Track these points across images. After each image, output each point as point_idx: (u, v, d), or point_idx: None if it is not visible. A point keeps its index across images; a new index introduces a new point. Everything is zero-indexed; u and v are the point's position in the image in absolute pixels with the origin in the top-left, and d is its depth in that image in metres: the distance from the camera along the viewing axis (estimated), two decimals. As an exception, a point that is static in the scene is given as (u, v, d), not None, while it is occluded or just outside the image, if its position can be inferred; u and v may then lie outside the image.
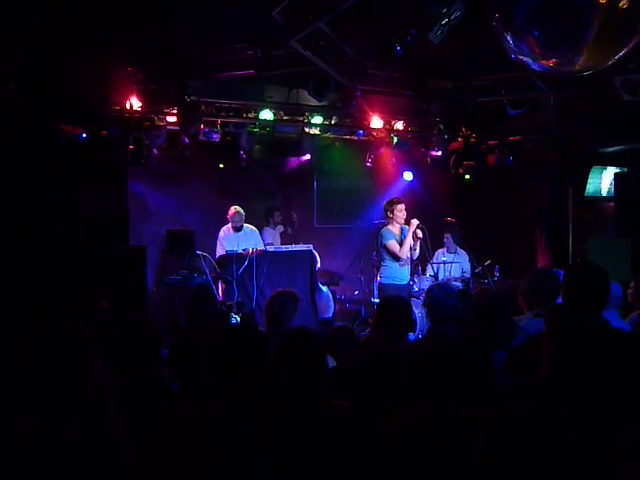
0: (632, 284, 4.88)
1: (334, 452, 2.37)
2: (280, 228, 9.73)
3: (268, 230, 9.51)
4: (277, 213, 9.66)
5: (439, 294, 4.10)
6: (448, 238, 8.95)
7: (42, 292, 5.86)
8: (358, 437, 2.45)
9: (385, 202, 7.67)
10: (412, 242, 7.48)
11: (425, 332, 5.02)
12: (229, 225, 8.63)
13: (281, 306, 4.46)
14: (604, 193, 8.81)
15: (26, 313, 5.31)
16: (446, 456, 2.22)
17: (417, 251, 7.63)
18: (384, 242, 7.37)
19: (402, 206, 7.43)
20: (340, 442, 2.40)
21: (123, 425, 2.22)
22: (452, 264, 8.70)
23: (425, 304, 4.17)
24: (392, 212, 7.43)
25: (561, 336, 2.68)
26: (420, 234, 7.41)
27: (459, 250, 8.97)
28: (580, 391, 2.41)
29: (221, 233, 8.63)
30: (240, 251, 7.77)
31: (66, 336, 1.90)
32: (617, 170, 8.47)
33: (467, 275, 8.61)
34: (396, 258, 7.32)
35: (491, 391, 2.85)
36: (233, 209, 8.58)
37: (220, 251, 8.36)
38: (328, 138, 9.29)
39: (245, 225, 8.68)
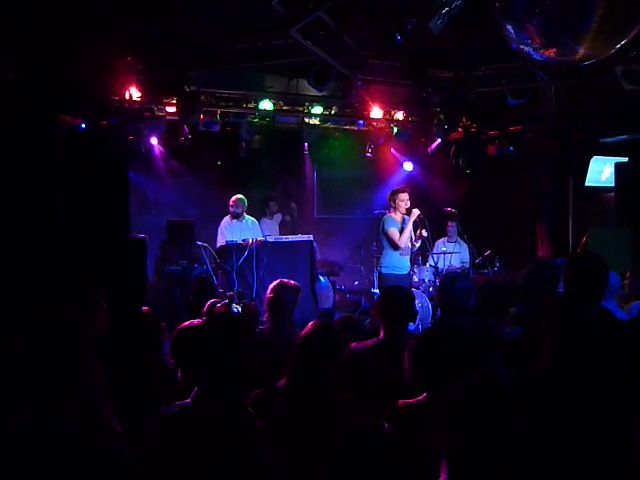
0: (628, 274, 4.90)
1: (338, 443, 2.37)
2: (279, 217, 9.74)
3: (265, 221, 9.53)
4: (272, 203, 9.66)
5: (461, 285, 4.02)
6: (453, 226, 8.97)
7: (41, 283, 5.85)
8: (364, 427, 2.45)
9: (390, 191, 7.68)
10: (413, 236, 7.50)
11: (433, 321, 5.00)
12: (230, 215, 8.66)
13: (282, 296, 4.45)
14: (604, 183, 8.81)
15: (24, 306, 5.31)
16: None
17: (417, 246, 7.68)
18: (385, 228, 7.38)
19: (405, 195, 7.43)
20: (345, 432, 2.40)
21: (119, 421, 2.22)
22: (452, 254, 8.71)
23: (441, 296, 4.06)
24: (395, 201, 7.44)
25: (561, 327, 2.67)
26: (425, 234, 7.44)
27: (459, 240, 8.98)
28: (581, 381, 2.41)
29: (223, 223, 8.66)
30: (240, 241, 7.77)
31: (63, 330, 1.90)
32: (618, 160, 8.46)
33: (467, 265, 8.61)
34: (395, 247, 7.32)
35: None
36: (236, 197, 8.64)
37: (221, 241, 8.39)
38: (328, 128, 9.27)
39: (247, 216, 8.72)
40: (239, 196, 8.64)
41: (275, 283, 4.59)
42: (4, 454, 1.77)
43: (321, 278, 8.80)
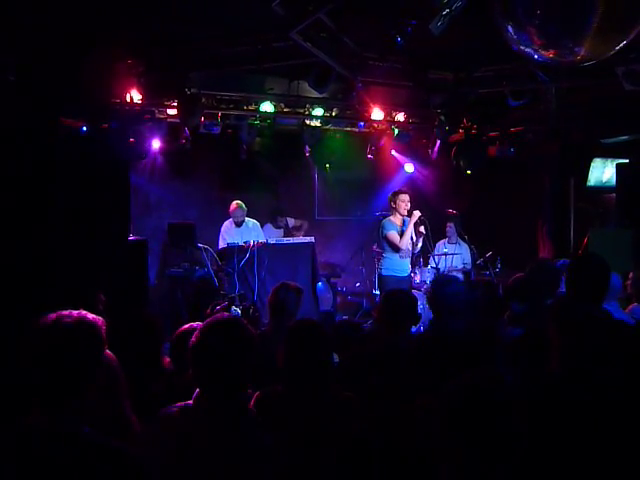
0: (631, 275, 4.90)
1: (341, 441, 2.37)
2: (285, 225, 9.71)
3: (270, 227, 9.51)
4: (280, 218, 9.63)
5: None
6: (451, 227, 8.97)
7: (43, 286, 5.86)
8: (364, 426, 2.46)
9: (390, 193, 7.68)
10: (415, 237, 7.48)
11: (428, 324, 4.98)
12: (231, 219, 8.66)
13: (284, 298, 4.45)
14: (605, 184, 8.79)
15: (26, 308, 5.31)
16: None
17: (419, 246, 7.65)
18: (384, 232, 7.38)
19: (405, 197, 7.42)
20: (348, 431, 2.41)
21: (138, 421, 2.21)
22: (453, 255, 8.70)
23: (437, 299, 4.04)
24: (395, 202, 7.43)
25: (573, 329, 2.62)
26: (423, 230, 7.41)
27: (460, 241, 8.97)
28: (599, 382, 2.40)
29: (223, 227, 8.67)
30: (241, 243, 7.78)
31: (79, 330, 1.90)
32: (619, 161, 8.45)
33: (468, 266, 8.61)
34: (396, 249, 7.32)
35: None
36: (235, 204, 8.61)
37: (222, 245, 8.39)
38: (329, 130, 9.27)
39: (247, 219, 8.70)
40: (239, 203, 8.61)
41: (277, 285, 4.60)
42: (20, 455, 1.77)
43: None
